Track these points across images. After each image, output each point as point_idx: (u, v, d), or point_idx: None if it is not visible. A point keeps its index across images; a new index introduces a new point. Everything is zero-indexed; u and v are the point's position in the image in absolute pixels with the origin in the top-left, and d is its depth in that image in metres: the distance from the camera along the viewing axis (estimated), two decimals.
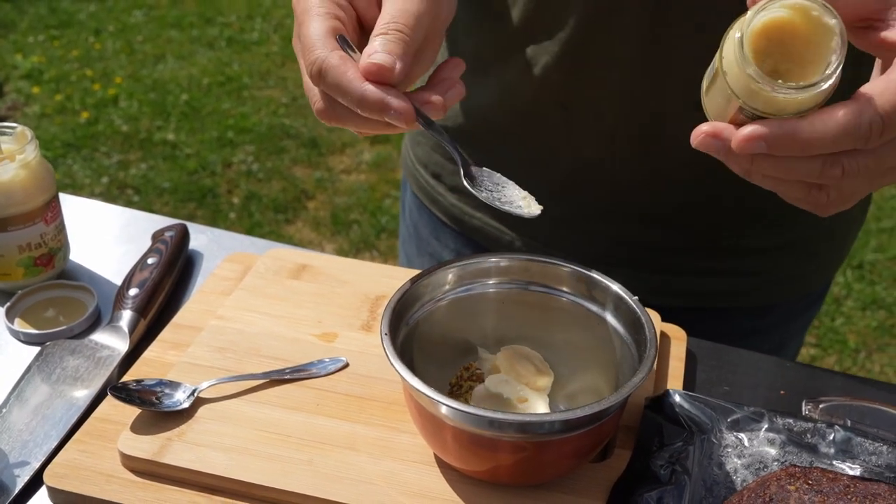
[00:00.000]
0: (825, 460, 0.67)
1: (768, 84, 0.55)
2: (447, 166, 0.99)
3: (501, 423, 0.61)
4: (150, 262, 0.87)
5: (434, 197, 1.01)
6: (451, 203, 0.99)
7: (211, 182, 2.98)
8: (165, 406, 0.71)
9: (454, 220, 1.00)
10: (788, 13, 0.55)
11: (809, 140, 0.55)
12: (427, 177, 1.02)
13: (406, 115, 0.61)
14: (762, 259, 0.92)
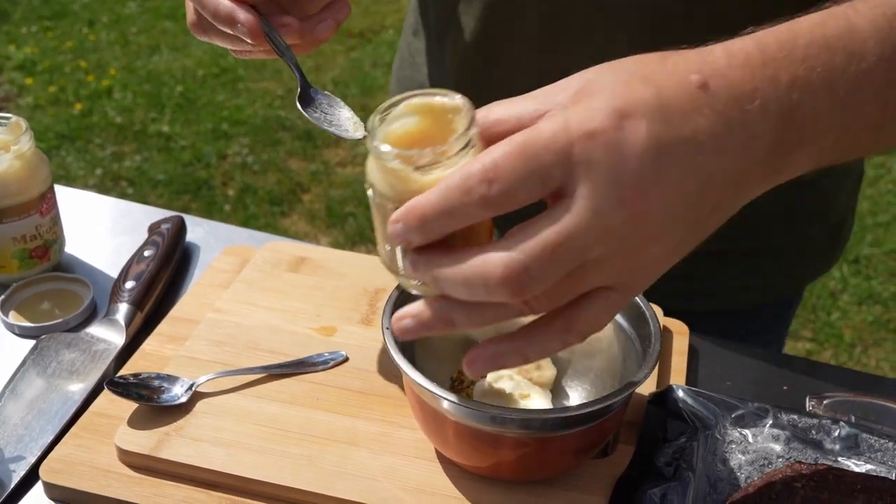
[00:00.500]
0: (830, 457, 0.66)
1: (404, 158, 0.48)
2: None
3: (503, 418, 0.60)
4: (147, 255, 0.86)
5: None
6: None
7: (206, 174, 2.97)
8: (163, 400, 0.70)
9: None
10: (415, 121, 0.50)
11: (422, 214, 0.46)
12: None
13: (251, 30, 0.64)
14: (747, 264, 0.91)
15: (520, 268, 0.44)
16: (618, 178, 0.44)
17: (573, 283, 0.46)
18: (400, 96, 0.51)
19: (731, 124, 0.46)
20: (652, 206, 0.45)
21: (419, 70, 0.95)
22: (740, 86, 0.46)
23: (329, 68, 3.67)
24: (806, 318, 2.49)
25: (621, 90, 0.45)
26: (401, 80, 1.00)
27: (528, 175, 0.44)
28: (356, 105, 3.40)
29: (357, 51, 3.84)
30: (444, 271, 0.47)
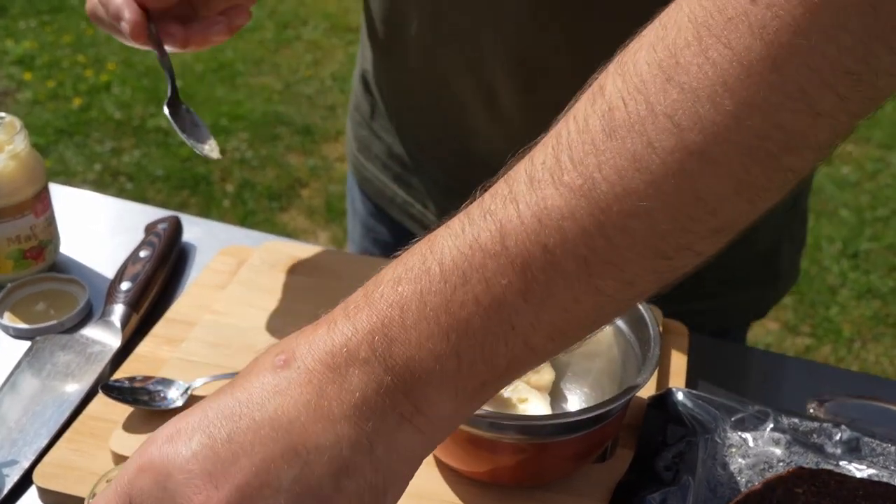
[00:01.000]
0: (832, 461, 0.66)
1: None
2: (376, 144, 0.98)
3: (502, 424, 0.59)
4: (143, 256, 0.85)
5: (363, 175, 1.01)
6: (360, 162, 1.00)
7: (204, 170, 2.96)
8: (159, 404, 0.69)
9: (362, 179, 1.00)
10: None
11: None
12: (356, 153, 1.01)
13: (133, 29, 0.67)
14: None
15: None
16: None
17: None
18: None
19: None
20: None
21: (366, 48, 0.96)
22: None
23: (328, 63, 3.66)
24: (805, 313, 2.49)
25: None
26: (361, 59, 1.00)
27: None
28: None
29: (356, 45, 3.82)
30: None
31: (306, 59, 3.70)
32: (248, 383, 0.43)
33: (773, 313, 2.48)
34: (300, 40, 3.86)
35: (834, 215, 2.86)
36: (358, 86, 0.99)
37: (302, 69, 3.61)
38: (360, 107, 0.99)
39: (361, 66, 0.98)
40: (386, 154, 0.96)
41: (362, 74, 0.97)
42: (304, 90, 3.46)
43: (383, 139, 0.96)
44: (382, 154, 0.96)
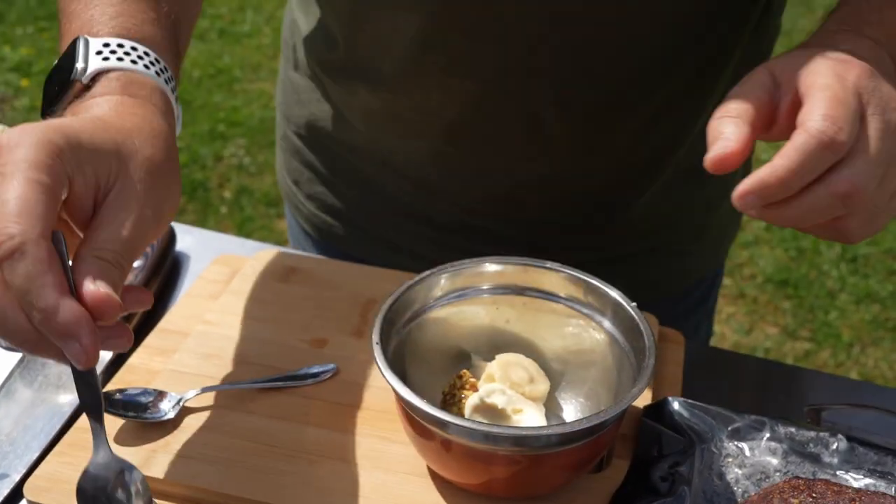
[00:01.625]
0: (829, 470, 0.65)
1: None
2: (305, 173, 0.98)
3: (497, 436, 0.59)
4: (136, 265, 0.85)
5: (296, 204, 1.02)
6: (311, 212, 1.00)
7: (202, 176, 2.96)
8: (150, 416, 0.69)
9: (315, 229, 1.00)
10: None
11: (786, 178, 0.54)
12: (289, 182, 1.02)
13: (90, 357, 0.51)
14: (629, 266, 0.93)
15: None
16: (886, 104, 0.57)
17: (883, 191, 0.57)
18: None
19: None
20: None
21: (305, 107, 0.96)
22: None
23: None
24: (804, 317, 2.48)
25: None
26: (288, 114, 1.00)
27: (853, 116, 0.55)
28: None
29: None
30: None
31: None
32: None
33: (773, 317, 2.47)
34: None
35: None
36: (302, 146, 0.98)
37: None
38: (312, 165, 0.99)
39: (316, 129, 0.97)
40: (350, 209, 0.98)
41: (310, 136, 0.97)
42: None
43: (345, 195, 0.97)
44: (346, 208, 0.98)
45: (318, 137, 0.95)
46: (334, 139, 0.94)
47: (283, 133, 1.01)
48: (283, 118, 1.01)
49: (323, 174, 0.97)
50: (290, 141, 0.99)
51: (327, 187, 0.97)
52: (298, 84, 0.96)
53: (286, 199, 1.05)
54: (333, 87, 0.90)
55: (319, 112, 0.94)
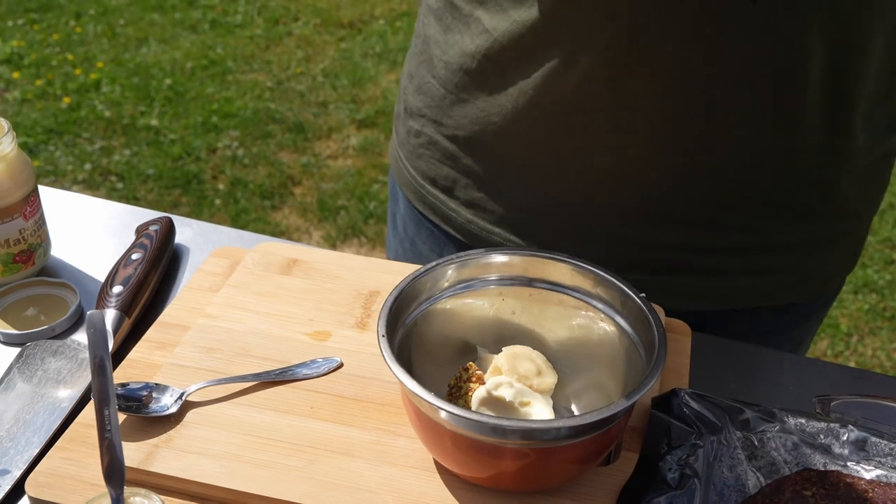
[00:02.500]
0: (839, 462, 0.65)
1: None
2: (460, 179, 0.91)
3: (505, 429, 0.58)
4: (135, 258, 0.84)
5: (445, 213, 0.93)
6: (467, 219, 0.91)
7: (196, 168, 2.94)
8: (152, 411, 0.68)
9: (470, 237, 0.92)
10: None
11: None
12: (436, 192, 0.93)
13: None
14: (789, 257, 0.88)
15: None
16: None
17: None
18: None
19: None
20: None
21: (470, 105, 0.87)
22: None
23: (319, 59, 3.64)
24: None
25: None
26: (439, 118, 0.91)
27: None
28: (346, 95, 3.37)
29: (347, 41, 3.80)
30: None
31: (297, 56, 3.67)
32: None
33: None
34: (291, 36, 3.83)
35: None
36: (461, 150, 0.90)
37: (293, 65, 3.59)
38: (470, 170, 0.90)
39: (467, 131, 0.88)
40: (516, 209, 0.90)
41: (473, 136, 0.88)
42: (295, 87, 3.44)
43: (510, 196, 0.89)
44: (511, 211, 0.90)
45: (484, 137, 0.87)
46: (510, 134, 0.85)
47: (427, 140, 0.92)
48: (426, 124, 0.92)
49: (483, 178, 0.89)
50: (440, 147, 0.91)
51: (486, 193, 0.90)
52: (454, 82, 0.87)
53: (427, 211, 0.95)
54: (528, 69, 0.81)
55: (490, 107, 0.85)
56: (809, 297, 0.93)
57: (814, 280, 0.92)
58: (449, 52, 0.87)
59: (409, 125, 0.94)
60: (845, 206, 0.88)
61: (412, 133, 0.94)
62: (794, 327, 0.96)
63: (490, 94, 0.84)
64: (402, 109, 0.96)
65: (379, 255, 2.58)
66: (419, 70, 0.92)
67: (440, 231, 0.95)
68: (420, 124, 0.93)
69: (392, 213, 1.05)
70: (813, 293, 0.93)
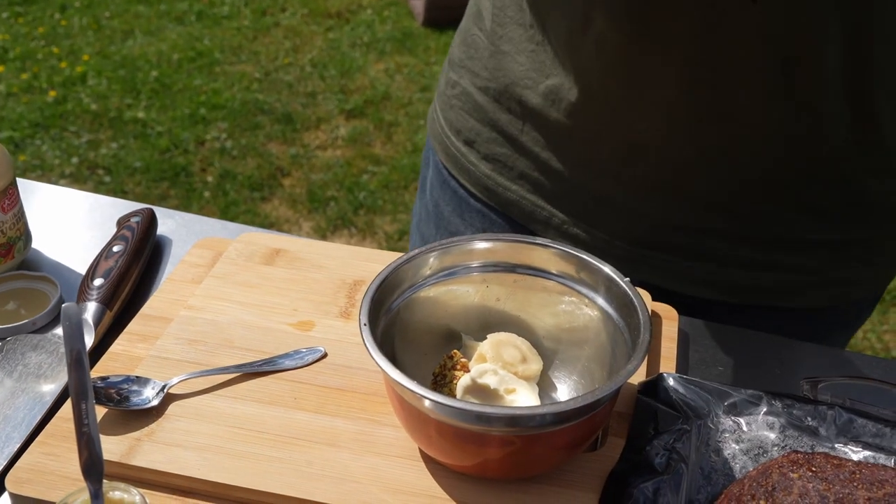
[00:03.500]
0: (827, 443, 0.64)
1: None
2: (483, 132, 0.91)
3: (489, 416, 0.58)
4: (116, 250, 0.83)
5: (464, 166, 0.94)
6: (485, 173, 0.92)
7: (184, 160, 2.92)
8: (133, 404, 0.67)
9: (487, 191, 0.92)
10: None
11: None
12: (458, 144, 0.94)
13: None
14: (815, 256, 0.85)
15: None
16: None
17: None
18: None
19: None
20: None
21: (508, 58, 0.88)
22: None
23: (307, 50, 3.62)
24: None
25: None
26: (477, 69, 0.91)
27: None
28: (335, 86, 3.36)
29: (335, 31, 3.78)
30: None
31: (285, 46, 3.65)
32: None
33: None
34: (278, 27, 3.81)
35: None
36: (490, 102, 0.90)
37: (281, 56, 3.57)
38: (496, 124, 0.90)
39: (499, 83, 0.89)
40: (535, 169, 0.89)
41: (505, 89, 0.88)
42: (283, 77, 3.42)
43: (532, 154, 0.89)
44: (530, 170, 0.90)
45: (516, 91, 0.87)
46: (543, 92, 0.85)
47: (461, 91, 0.93)
48: (463, 74, 0.93)
49: (506, 134, 0.89)
50: (471, 99, 0.92)
51: (512, 148, 0.90)
52: (498, 34, 0.88)
53: (448, 163, 0.96)
54: (560, 23, 0.81)
55: (529, 62, 0.85)
56: (831, 302, 0.88)
57: (835, 285, 0.87)
58: (499, 2, 0.88)
59: (449, 76, 0.96)
60: (874, 210, 0.83)
61: (449, 84, 0.96)
62: (814, 335, 0.88)
63: (528, 51, 0.85)
64: (447, 63, 0.98)
65: (369, 245, 2.57)
66: (468, 23, 0.94)
67: (462, 189, 0.96)
68: (458, 75, 0.94)
69: (423, 177, 1.06)
70: (835, 299, 0.88)
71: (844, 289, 0.88)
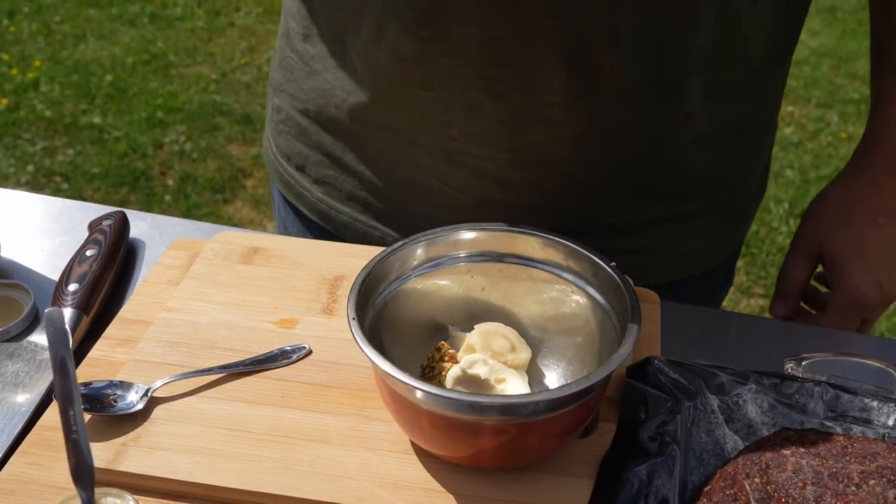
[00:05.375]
0: (815, 419, 0.65)
1: None
2: (311, 156, 0.90)
3: (483, 406, 0.57)
4: (89, 255, 0.81)
5: (299, 192, 0.93)
6: (318, 198, 0.91)
7: (143, 165, 2.88)
8: (117, 409, 0.66)
9: (322, 216, 0.91)
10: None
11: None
12: (291, 170, 0.93)
13: None
14: (653, 235, 0.86)
15: None
16: None
17: None
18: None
19: None
20: None
21: (319, 77, 0.87)
22: None
23: (263, 49, 3.59)
24: (757, 275, 2.51)
25: None
26: (295, 92, 0.90)
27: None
28: None
29: None
30: None
31: (241, 46, 3.62)
32: None
33: None
34: (233, 27, 3.77)
35: (780, 176, 2.89)
36: (311, 124, 0.89)
37: (237, 56, 3.54)
38: (321, 146, 0.89)
39: (316, 104, 0.88)
40: (362, 189, 0.88)
41: (321, 110, 0.88)
42: (240, 78, 3.39)
43: (357, 173, 0.88)
44: (357, 190, 0.89)
45: (329, 111, 0.86)
46: (347, 107, 0.84)
47: (285, 116, 0.92)
48: (285, 98, 0.92)
49: (331, 154, 0.89)
50: (295, 123, 0.91)
51: (338, 169, 0.89)
52: (310, 53, 0.87)
53: (284, 189, 0.95)
54: (355, 40, 0.81)
55: (335, 80, 0.85)
56: (681, 275, 0.89)
57: (680, 259, 0.89)
58: (303, 22, 0.87)
59: (273, 102, 0.95)
60: (696, 181, 0.85)
61: (274, 109, 0.94)
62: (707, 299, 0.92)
63: (335, 67, 0.84)
64: (270, 88, 0.96)
65: None
66: (281, 44, 0.92)
67: (298, 213, 0.95)
68: (280, 99, 0.93)
69: (272, 198, 1.05)
70: (683, 272, 0.89)
71: (692, 261, 0.89)
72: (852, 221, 0.86)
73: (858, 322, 0.88)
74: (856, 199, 0.86)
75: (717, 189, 0.86)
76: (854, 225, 0.86)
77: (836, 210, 0.88)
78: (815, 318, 0.90)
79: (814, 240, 0.89)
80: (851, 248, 0.86)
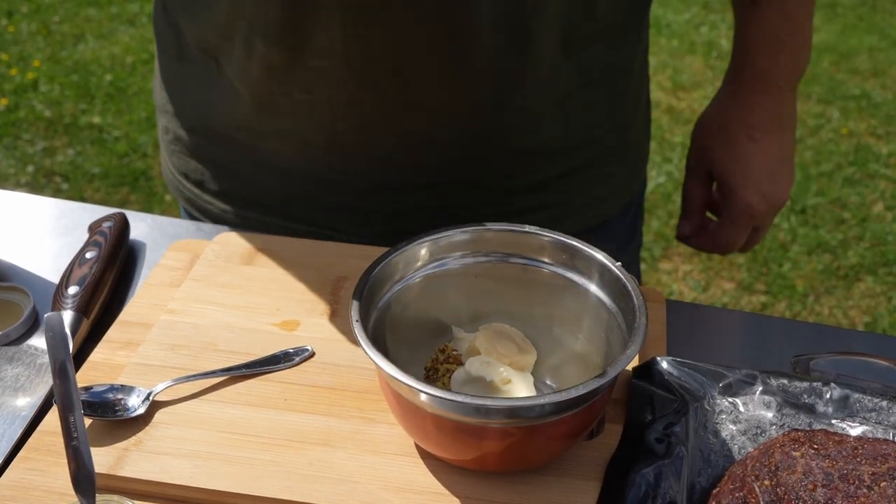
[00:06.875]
0: (824, 420, 0.64)
1: None
2: (207, 171, 0.92)
3: (489, 409, 0.57)
4: (89, 257, 0.81)
5: (203, 206, 0.95)
6: (221, 209, 0.93)
7: (143, 164, 2.87)
8: (119, 414, 0.65)
9: (232, 226, 0.92)
10: None
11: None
12: (190, 186, 0.94)
13: None
14: (550, 191, 0.90)
15: None
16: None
17: None
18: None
19: None
20: None
21: (200, 95, 0.90)
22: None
23: None
24: (758, 271, 2.50)
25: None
26: (178, 111, 0.93)
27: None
28: None
29: None
30: None
31: None
32: None
33: (728, 273, 2.49)
34: None
35: None
36: (201, 140, 0.92)
37: None
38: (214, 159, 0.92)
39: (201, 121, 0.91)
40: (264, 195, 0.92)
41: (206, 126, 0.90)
42: None
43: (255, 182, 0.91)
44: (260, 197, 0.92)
45: (215, 126, 0.89)
46: (232, 121, 0.88)
47: (174, 136, 0.94)
48: (171, 120, 0.94)
49: (226, 166, 0.91)
50: (185, 141, 0.93)
51: (236, 180, 0.91)
52: (187, 73, 0.89)
53: (189, 207, 0.97)
54: (230, 59, 0.84)
55: (215, 96, 0.87)
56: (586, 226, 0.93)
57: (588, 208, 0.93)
58: (175, 44, 0.89)
59: (161, 122, 0.96)
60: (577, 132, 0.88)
61: (164, 130, 0.96)
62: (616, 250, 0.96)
63: (213, 85, 0.87)
64: (156, 109, 0.98)
65: None
66: (160, 65, 0.95)
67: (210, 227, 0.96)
68: (167, 119, 0.95)
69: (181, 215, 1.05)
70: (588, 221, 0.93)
71: (601, 208, 0.94)
72: (731, 140, 0.92)
73: (750, 230, 0.95)
74: (731, 119, 0.92)
75: (599, 135, 0.90)
76: (733, 143, 0.92)
77: (716, 131, 0.94)
78: (712, 228, 0.98)
79: (701, 161, 0.96)
80: (733, 164, 0.92)
